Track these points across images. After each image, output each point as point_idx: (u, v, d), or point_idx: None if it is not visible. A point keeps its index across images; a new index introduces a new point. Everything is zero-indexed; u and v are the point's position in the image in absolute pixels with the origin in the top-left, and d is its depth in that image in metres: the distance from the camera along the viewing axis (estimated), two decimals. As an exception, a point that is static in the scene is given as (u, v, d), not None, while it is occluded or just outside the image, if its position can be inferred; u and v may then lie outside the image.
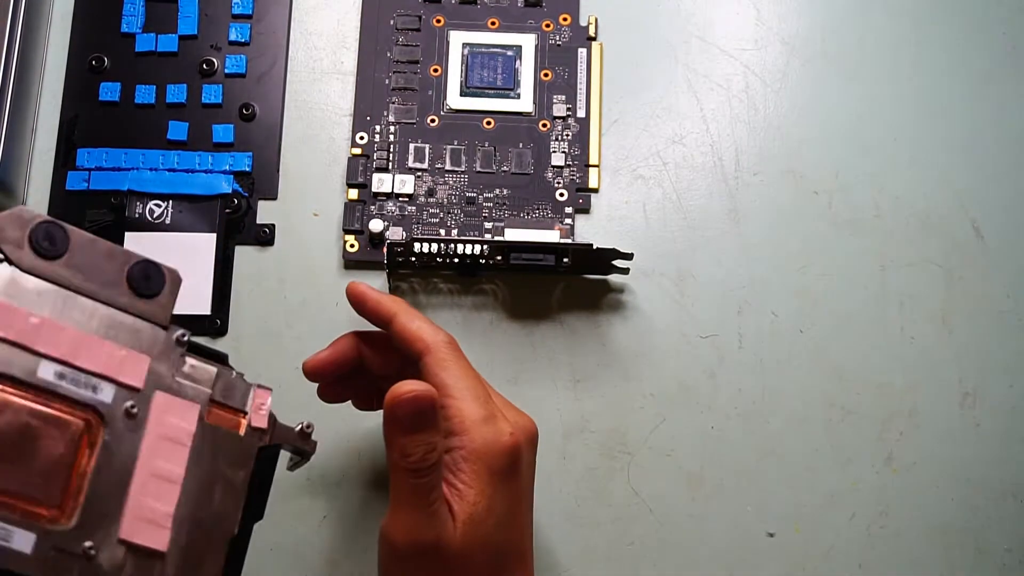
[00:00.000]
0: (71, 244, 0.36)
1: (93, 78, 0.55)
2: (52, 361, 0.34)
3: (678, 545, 0.50)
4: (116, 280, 0.36)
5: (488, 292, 0.53)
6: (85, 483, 0.34)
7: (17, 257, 0.35)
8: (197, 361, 0.37)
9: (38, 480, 0.34)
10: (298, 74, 0.56)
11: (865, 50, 0.57)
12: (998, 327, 0.53)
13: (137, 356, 0.36)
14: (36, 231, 0.35)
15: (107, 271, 0.36)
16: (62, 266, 0.35)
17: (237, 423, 0.38)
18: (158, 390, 0.36)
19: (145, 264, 0.37)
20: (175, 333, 0.37)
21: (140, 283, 0.37)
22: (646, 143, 0.55)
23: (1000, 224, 0.55)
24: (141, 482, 0.35)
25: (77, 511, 0.34)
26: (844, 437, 0.52)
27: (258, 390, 0.38)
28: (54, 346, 0.34)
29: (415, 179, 0.54)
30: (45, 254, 0.35)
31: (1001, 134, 0.56)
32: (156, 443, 0.36)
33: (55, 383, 0.34)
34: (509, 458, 0.41)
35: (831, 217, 0.54)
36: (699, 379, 0.52)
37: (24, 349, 0.34)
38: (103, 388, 0.35)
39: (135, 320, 0.36)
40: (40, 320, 0.34)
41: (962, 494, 0.51)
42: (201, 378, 0.37)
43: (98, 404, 0.35)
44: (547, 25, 0.56)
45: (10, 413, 0.34)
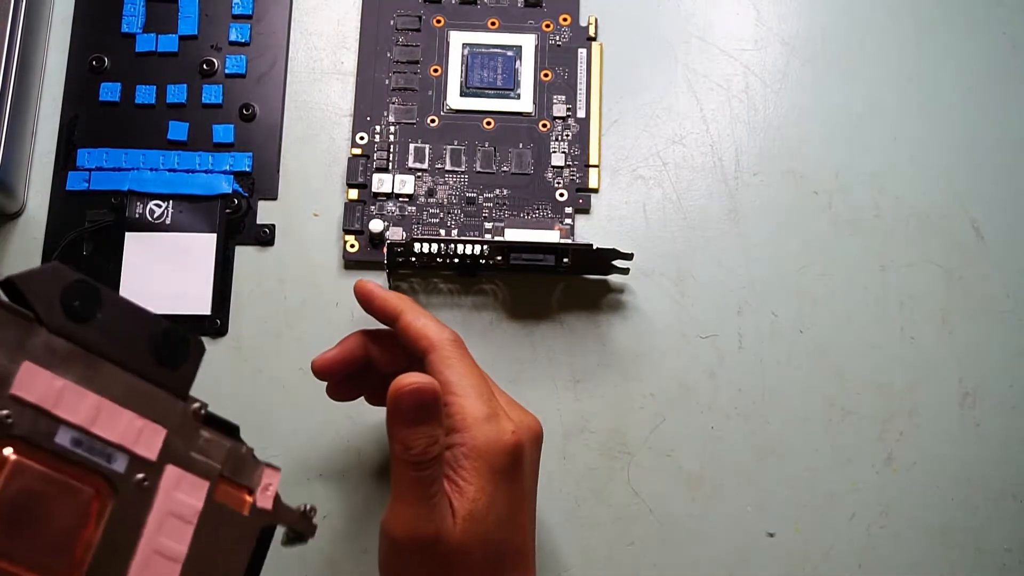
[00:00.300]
0: (102, 306, 0.35)
1: (93, 78, 0.55)
2: (71, 428, 0.34)
3: (678, 545, 0.50)
4: (142, 347, 0.36)
5: (488, 292, 0.53)
6: (89, 555, 0.34)
7: (48, 317, 0.34)
8: (212, 435, 0.37)
9: (46, 549, 0.33)
10: (298, 74, 0.56)
11: (865, 50, 0.57)
12: (998, 327, 0.53)
13: (154, 428, 0.36)
14: (69, 291, 0.34)
15: (134, 337, 0.36)
16: (91, 329, 0.35)
17: (242, 501, 0.38)
18: (170, 464, 0.36)
19: (172, 332, 0.36)
20: (193, 405, 0.37)
21: (165, 352, 0.36)
22: (646, 143, 0.55)
23: (1000, 224, 0.55)
24: (144, 558, 0.35)
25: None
26: (844, 437, 0.52)
27: (267, 470, 0.38)
28: (74, 412, 0.34)
29: (415, 179, 0.54)
30: (76, 316, 0.34)
31: (1001, 134, 0.56)
32: (163, 519, 0.35)
33: (71, 450, 0.34)
34: (510, 457, 0.41)
35: (831, 217, 0.54)
36: (699, 379, 0.52)
37: (45, 414, 0.33)
38: (118, 457, 0.35)
39: (155, 389, 0.36)
40: (64, 384, 0.34)
41: (962, 494, 0.51)
42: (214, 453, 0.37)
43: (111, 473, 0.34)
44: (547, 25, 0.56)
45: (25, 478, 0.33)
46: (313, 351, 0.47)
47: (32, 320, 0.34)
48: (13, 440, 0.33)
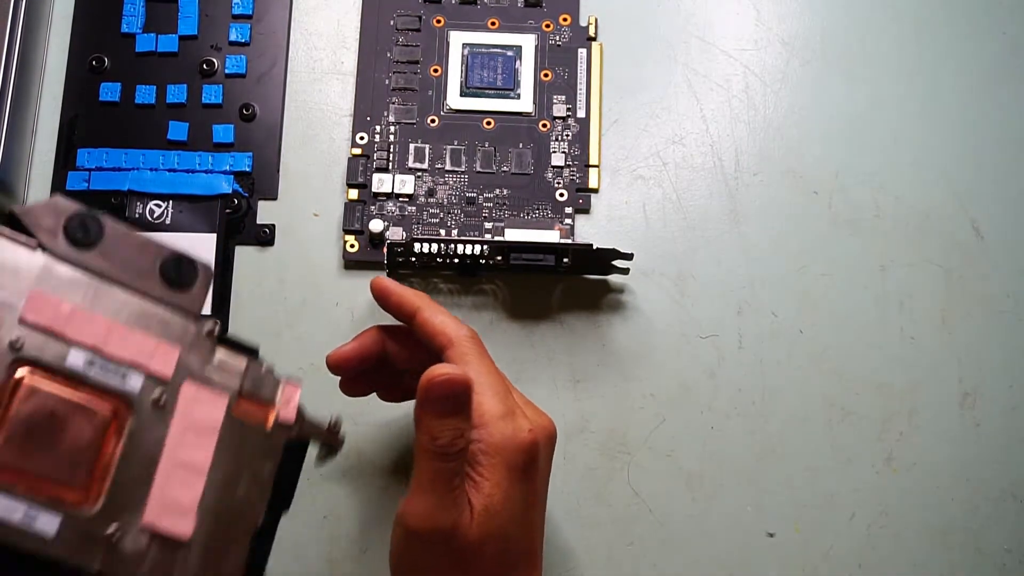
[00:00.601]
0: (105, 235, 0.36)
1: (93, 78, 0.55)
2: (82, 349, 0.35)
3: (678, 545, 0.50)
4: (149, 272, 0.36)
5: (488, 292, 0.53)
6: (111, 469, 0.35)
7: (51, 245, 0.35)
8: (227, 354, 0.37)
9: (65, 464, 0.34)
10: (298, 74, 0.56)
11: (865, 50, 0.57)
12: (998, 327, 0.53)
13: (167, 346, 0.36)
14: (72, 220, 0.35)
15: (140, 263, 0.36)
16: (96, 256, 0.36)
17: (265, 417, 0.38)
18: (187, 380, 0.36)
19: (178, 258, 0.37)
20: (206, 325, 0.37)
21: (173, 276, 0.37)
22: (646, 143, 0.55)
23: (1000, 224, 0.55)
24: (167, 471, 0.36)
25: (102, 496, 0.34)
26: (844, 437, 0.52)
27: (288, 384, 0.38)
28: (85, 334, 0.35)
29: (415, 179, 0.54)
30: (79, 243, 0.35)
31: (1001, 134, 0.56)
32: (183, 433, 0.36)
33: (84, 371, 0.35)
34: (527, 455, 0.41)
35: (831, 217, 0.54)
36: (699, 379, 0.52)
37: (55, 336, 0.34)
38: (132, 377, 0.35)
39: (166, 311, 0.36)
40: (72, 308, 0.35)
41: (962, 494, 0.51)
42: (230, 370, 0.37)
43: (126, 392, 0.35)
44: (547, 25, 0.56)
45: (39, 399, 0.34)
46: (313, 351, 0.47)
47: (36, 247, 0.35)
48: (26, 362, 0.34)
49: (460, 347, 0.43)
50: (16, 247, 0.35)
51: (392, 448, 0.51)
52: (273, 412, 0.38)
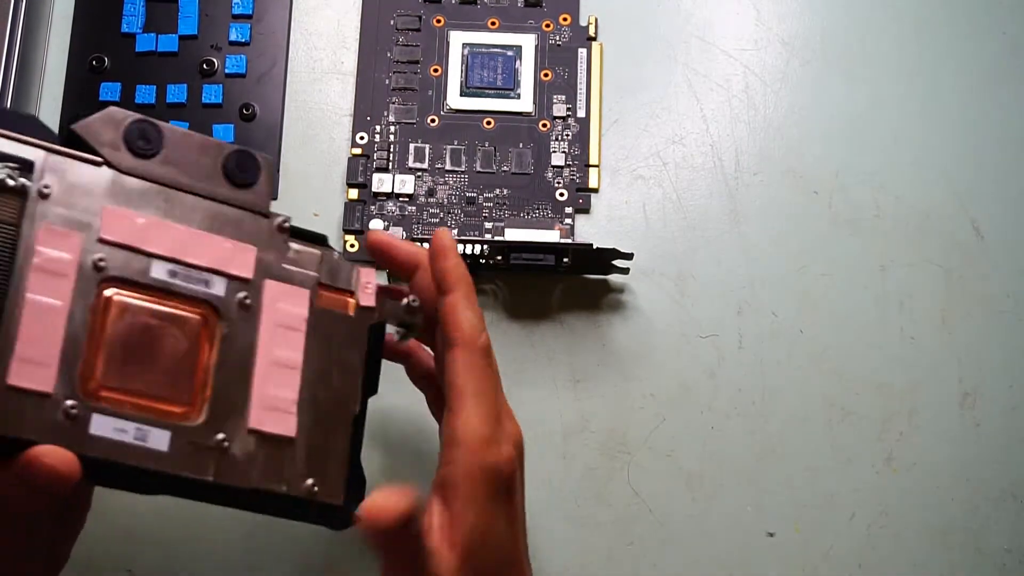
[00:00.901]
0: (165, 140, 0.36)
1: (93, 78, 0.55)
2: (163, 260, 0.35)
3: (678, 545, 0.50)
4: (213, 173, 0.37)
5: (488, 292, 0.53)
6: (209, 377, 0.35)
7: (116, 159, 0.35)
8: (300, 245, 0.38)
9: (165, 378, 0.34)
10: (298, 74, 0.56)
11: (865, 50, 0.57)
12: (998, 327, 0.53)
13: (244, 247, 0.36)
14: (130, 131, 0.35)
15: (203, 164, 0.37)
16: (159, 164, 0.36)
17: (346, 303, 0.38)
18: (268, 279, 0.37)
19: (239, 153, 0.37)
20: (276, 220, 0.38)
21: (236, 173, 0.37)
22: (646, 143, 0.55)
23: (1000, 224, 0.55)
24: (263, 371, 0.36)
25: (206, 406, 0.35)
26: (844, 437, 0.52)
27: (363, 269, 0.39)
28: (163, 245, 0.35)
29: (415, 179, 0.54)
30: (142, 153, 0.35)
31: (1001, 134, 0.56)
32: (272, 331, 0.36)
33: (168, 281, 0.35)
34: (507, 482, 0.39)
35: (831, 217, 0.54)
36: (699, 379, 0.52)
37: (135, 251, 0.35)
38: (215, 282, 0.36)
39: (236, 211, 0.37)
40: (146, 220, 0.35)
41: (962, 494, 0.51)
42: (307, 262, 0.38)
43: (212, 298, 0.36)
44: (547, 25, 0.56)
45: (131, 315, 0.34)
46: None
47: (102, 164, 0.35)
48: (112, 281, 0.34)
49: (468, 355, 0.39)
50: (82, 166, 0.34)
51: (392, 447, 0.51)
52: (353, 298, 0.38)
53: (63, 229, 0.33)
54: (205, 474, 0.35)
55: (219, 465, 0.35)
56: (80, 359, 0.33)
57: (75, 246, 0.34)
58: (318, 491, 0.37)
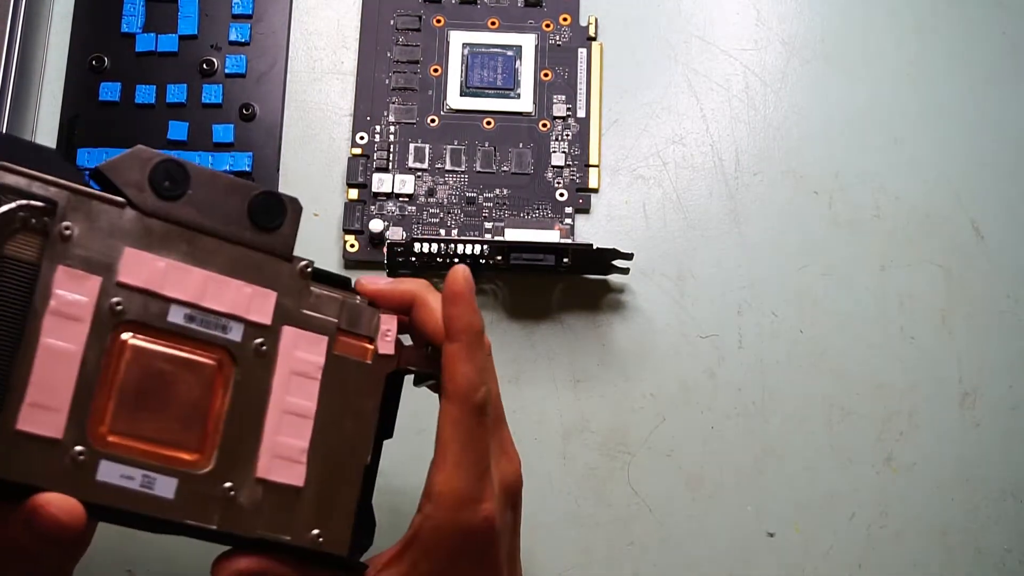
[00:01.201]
0: (191, 182, 0.35)
1: (93, 78, 0.55)
2: (181, 305, 0.35)
3: (678, 545, 0.50)
4: (238, 215, 0.36)
5: (488, 292, 0.53)
6: (220, 424, 0.35)
7: (140, 200, 0.34)
8: (322, 290, 0.37)
9: (176, 425, 0.34)
10: (298, 74, 0.56)
11: (865, 50, 0.57)
12: (998, 327, 0.53)
13: (264, 292, 0.36)
14: (156, 171, 0.35)
15: (228, 206, 0.36)
16: (184, 205, 0.35)
17: (364, 351, 0.38)
18: (286, 325, 0.36)
19: (266, 196, 0.37)
20: (299, 264, 0.37)
21: (261, 216, 0.36)
22: (646, 143, 0.55)
23: (1000, 224, 0.55)
24: (274, 419, 0.36)
25: (215, 453, 0.35)
26: (844, 437, 0.52)
27: (384, 316, 0.38)
28: (182, 289, 0.35)
29: (415, 179, 0.54)
30: (167, 195, 0.35)
31: (1001, 134, 0.56)
32: (287, 379, 0.36)
33: (186, 326, 0.35)
34: (481, 542, 0.37)
35: (831, 217, 0.54)
36: (699, 379, 0.52)
37: (153, 295, 0.34)
38: (232, 327, 0.35)
39: (259, 254, 0.36)
40: (167, 264, 0.34)
41: (962, 494, 0.51)
42: (327, 308, 0.37)
43: (228, 343, 0.35)
44: (547, 25, 0.56)
45: (145, 360, 0.34)
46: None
47: (125, 205, 0.34)
48: (128, 325, 0.34)
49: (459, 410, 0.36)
50: (105, 207, 0.34)
51: (392, 448, 0.51)
52: (372, 345, 0.38)
53: (82, 272, 0.33)
54: (209, 522, 0.34)
55: (224, 514, 0.34)
56: (91, 404, 0.33)
57: (93, 289, 0.33)
58: (323, 541, 0.36)
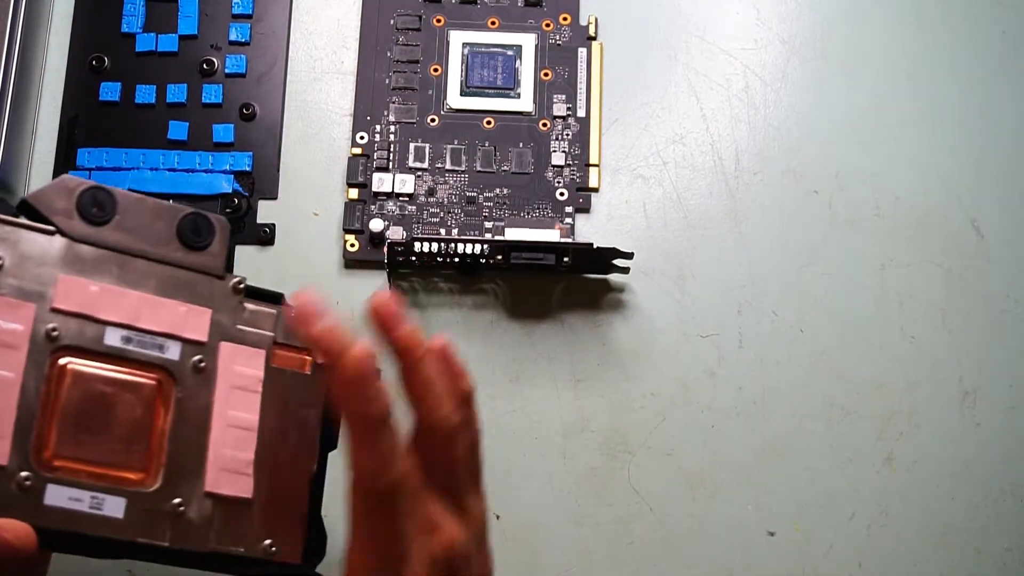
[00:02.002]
0: (119, 207, 0.36)
1: (93, 78, 0.55)
2: (117, 327, 0.35)
3: (678, 545, 0.50)
4: (167, 237, 0.37)
5: (488, 292, 0.53)
6: (165, 442, 0.35)
7: (69, 227, 0.35)
8: (256, 305, 0.38)
9: (121, 446, 0.34)
10: (298, 74, 0.56)
11: (865, 50, 0.57)
12: (998, 327, 0.53)
13: (198, 310, 0.36)
14: (83, 198, 0.35)
15: (157, 229, 0.36)
16: (113, 230, 0.36)
17: (302, 362, 0.38)
18: (223, 341, 0.37)
19: (194, 216, 0.37)
20: (231, 281, 0.37)
21: (190, 236, 0.37)
22: (646, 143, 0.55)
23: (1000, 224, 0.55)
24: (218, 434, 0.36)
25: (161, 471, 0.35)
26: (844, 437, 0.52)
27: None
28: (117, 311, 0.35)
29: (415, 179, 0.54)
30: (95, 220, 0.35)
31: (1001, 134, 0.56)
32: (227, 393, 0.36)
33: (123, 348, 0.35)
34: None
35: (831, 217, 0.54)
36: (699, 379, 0.52)
37: (89, 319, 0.35)
38: (169, 346, 0.36)
39: (191, 274, 0.37)
40: (100, 288, 0.35)
41: (962, 494, 0.51)
42: (262, 322, 0.38)
43: (167, 362, 0.36)
44: (547, 25, 0.56)
45: (85, 383, 0.34)
46: (313, 350, 0.47)
47: (55, 233, 0.35)
48: (66, 350, 0.34)
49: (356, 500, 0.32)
50: (35, 236, 0.35)
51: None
52: (310, 355, 0.38)
53: (16, 300, 0.33)
54: (161, 539, 0.34)
55: (175, 530, 0.35)
56: (34, 429, 0.33)
57: (28, 317, 0.34)
58: (276, 551, 0.37)
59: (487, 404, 0.52)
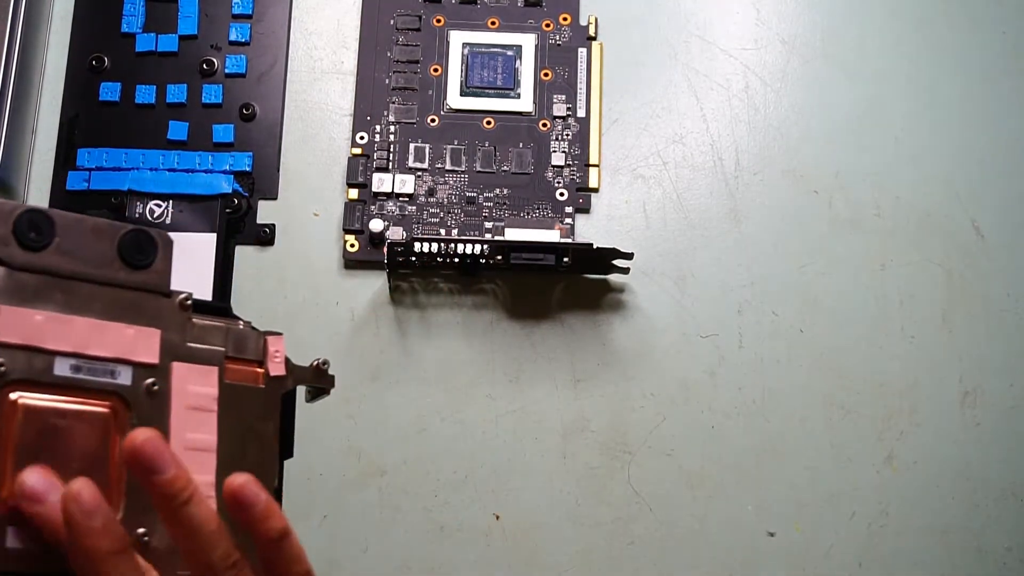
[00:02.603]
0: (57, 228, 0.34)
1: (93, 78, 0.55)
2: (66, 356, 0.34)
3: (678, 545, 0.50)
4: (109, 257, 0.35)
5: (488, 292, 0.53)
6: (124, 473, 0.34)
7: (7, 255, 0.34)
8: (205, 320, 0.37)
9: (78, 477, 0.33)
10: (298, 74, 0.56)
11: (865, 50, 0.57)
12: (998, 327, 0.53)
13: (147, 331, 0.35)
14: (19, 223, 0.34)
15: (98, 249, 0.35)
16: (53, 254, 0.34)
17: (255, 375, 0.38)
18: (174, 361, 0.36)
19: (134, 233, 0.36)
20: (178, 297, 0.36)
21: (133, 255, 0.36)
22: (646, 143, 0.55)
23: (1000, 224, 0.55)
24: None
25: (123, 500, 0.34)
26: (844, 436, 0.52)
27: (270, 338, 0.38)
28: (64, 340, 0.34)
29: (415, 179, 0.54)
30: (34, 246, 0.34)
31: (1001, 134, 0.56)
32: (183, 415, 0.35)
33: (73, 377, 0.34)
34: None
35: (831, 217, 0.54)
36: (699, 378, 0.52)
37: (36, 350, 0.33)
38: (120, 371, 0.35)
39: (136, 294, 0.36)
40: (45, 316, 0.34)
41: (963, 493, 0.51)
42: (212, 338, 0.37)
43: (119, 388, 0.34)
44: (547, 25, 0.56)
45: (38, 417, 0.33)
46: (313, 350, 0.47)
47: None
48: (15, 384, 0.33)
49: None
50: None
51: (392, 447, 0.51)
52: (263, 368, 0.38)
53: None
54: None
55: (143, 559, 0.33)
56: None
57: None
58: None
59: (487, 404, 0.52)
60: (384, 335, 0.52)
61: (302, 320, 0.53)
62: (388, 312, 0.53)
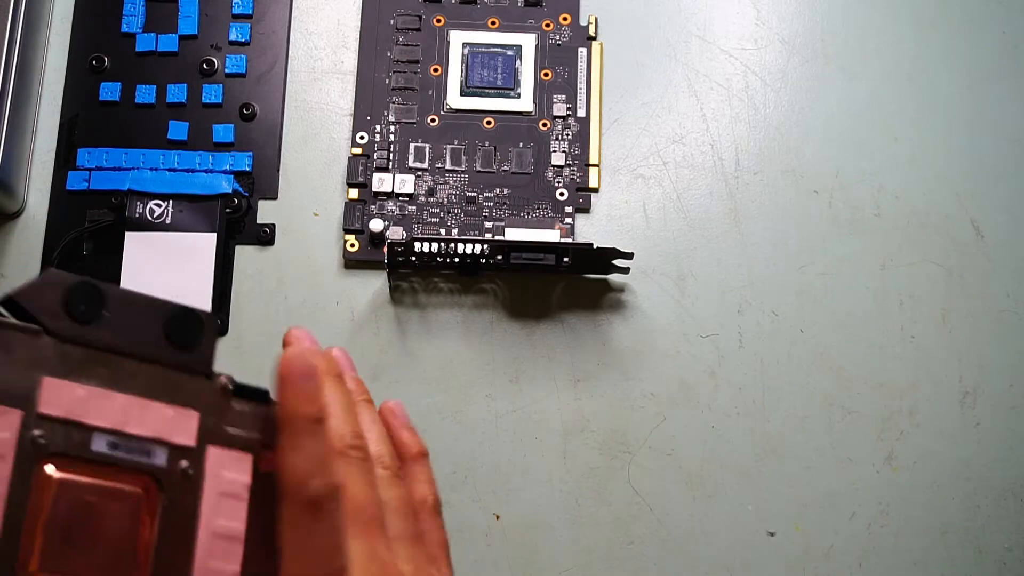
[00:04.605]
0: (107, 302, 0.34)
1: (93, 78, 0.55)
2: (104, 432, 0.33)
3: (678, 545, 0.50)
4: (155, 335, 0.35)
5: (488, 292, 0.53)
6: (150, 555, 0.33)
7: (55, 327, 0.33)
8: (244, 405, 0.36)
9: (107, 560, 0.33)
10: (298, 74, 0.56)
11: (865, 50, 0.57)
12: (998, 327, 0.53)
13: (186, 413, 0.35)
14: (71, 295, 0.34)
15: (145, 326, 0.35)
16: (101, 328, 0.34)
17: None
18: (210, 445, 0.35)
19: (182, 312, 0.36)
20: (219, 381, 0.36)
21: (179, 334, 0.35)
22: (646, 143, 0.55)
23: (1000, 224, 0.55)
24: (205, 545, 0.34)
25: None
26: (844, 436, 0.52)
27: None
28: (104, 416, 0.33)
29: (415, 179, 0.54)
30: (83, 319, 0.34)
31: (1001, 134, 0.56)
32: (215, 501, 0.35)
33: (110, 454, 0.33)
34: None
35: (831, 216, 0.54)
36: (699, 378, 0.52)
37: (76, 425, 0.33)
38: (156, 452, 0.34)
39: (178, 374, 0.35)
40: (87, 391, 0.33)
41: (962, 493, 0.51)
42: (250, 423, 0.36)
43: (154, 469, 0.34)
44: (547, 25, 0.56)
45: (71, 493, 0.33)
46: (313, 350, 0.47)
47: (40, 333, 0.33)
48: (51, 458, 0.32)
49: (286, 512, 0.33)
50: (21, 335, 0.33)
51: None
52: None
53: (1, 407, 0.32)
54: None
55: None
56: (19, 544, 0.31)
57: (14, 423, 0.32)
58: None
59: (487, 404, 0.52)
60: (384, 335, 0.52)
61: (302, 320, 0.53)
62: (388, 312, 0.53)
